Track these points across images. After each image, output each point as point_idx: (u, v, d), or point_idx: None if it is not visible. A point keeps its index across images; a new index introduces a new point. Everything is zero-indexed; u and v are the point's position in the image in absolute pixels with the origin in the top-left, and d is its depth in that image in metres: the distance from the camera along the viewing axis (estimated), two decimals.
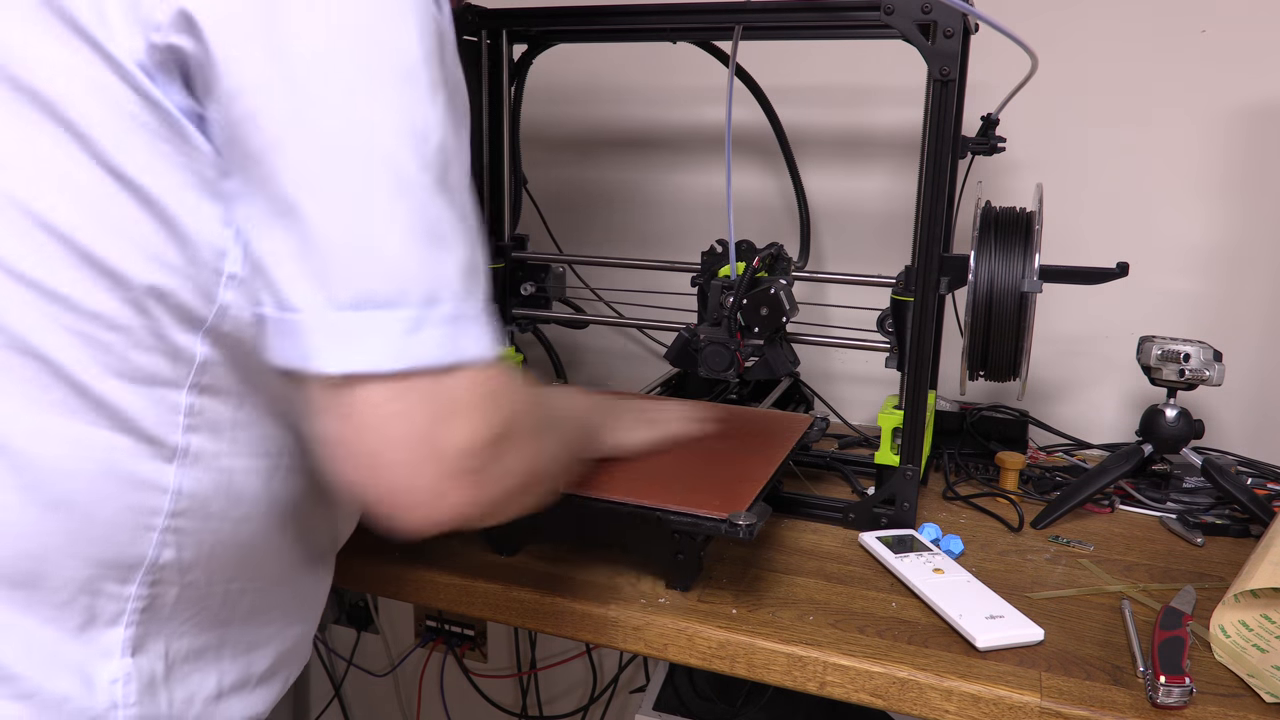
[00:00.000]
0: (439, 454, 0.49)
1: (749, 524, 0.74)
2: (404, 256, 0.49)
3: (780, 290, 1.02)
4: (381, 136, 0.49)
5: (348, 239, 0.48)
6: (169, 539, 0.56)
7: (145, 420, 0.53)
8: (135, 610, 0.56)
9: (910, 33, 0.85)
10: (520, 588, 0.83)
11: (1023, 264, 0.90)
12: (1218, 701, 0.68)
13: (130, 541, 0.55)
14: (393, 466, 0.49)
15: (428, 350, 0.49)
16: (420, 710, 1.70)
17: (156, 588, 0.57)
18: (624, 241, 1.45)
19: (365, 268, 0.48)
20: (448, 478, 0.50)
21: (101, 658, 0.55)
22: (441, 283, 0.50)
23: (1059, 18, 1.20)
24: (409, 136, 0.49)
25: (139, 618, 0.56)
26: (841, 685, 0.73)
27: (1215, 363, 1.00)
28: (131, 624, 0.56)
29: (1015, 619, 0.77)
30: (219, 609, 0.61)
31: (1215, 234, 1.20)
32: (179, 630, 0.59)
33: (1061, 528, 0.98)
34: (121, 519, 0.54)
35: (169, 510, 0.55)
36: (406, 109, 0.50)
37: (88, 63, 0.48)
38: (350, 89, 0.48)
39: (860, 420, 1.29)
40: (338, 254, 0.48)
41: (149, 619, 0.57)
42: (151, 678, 0.57)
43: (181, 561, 0.57)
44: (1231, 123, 1.17)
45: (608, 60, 1.40)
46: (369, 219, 0.49)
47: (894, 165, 1.30)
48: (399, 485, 0.50)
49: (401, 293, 0.49)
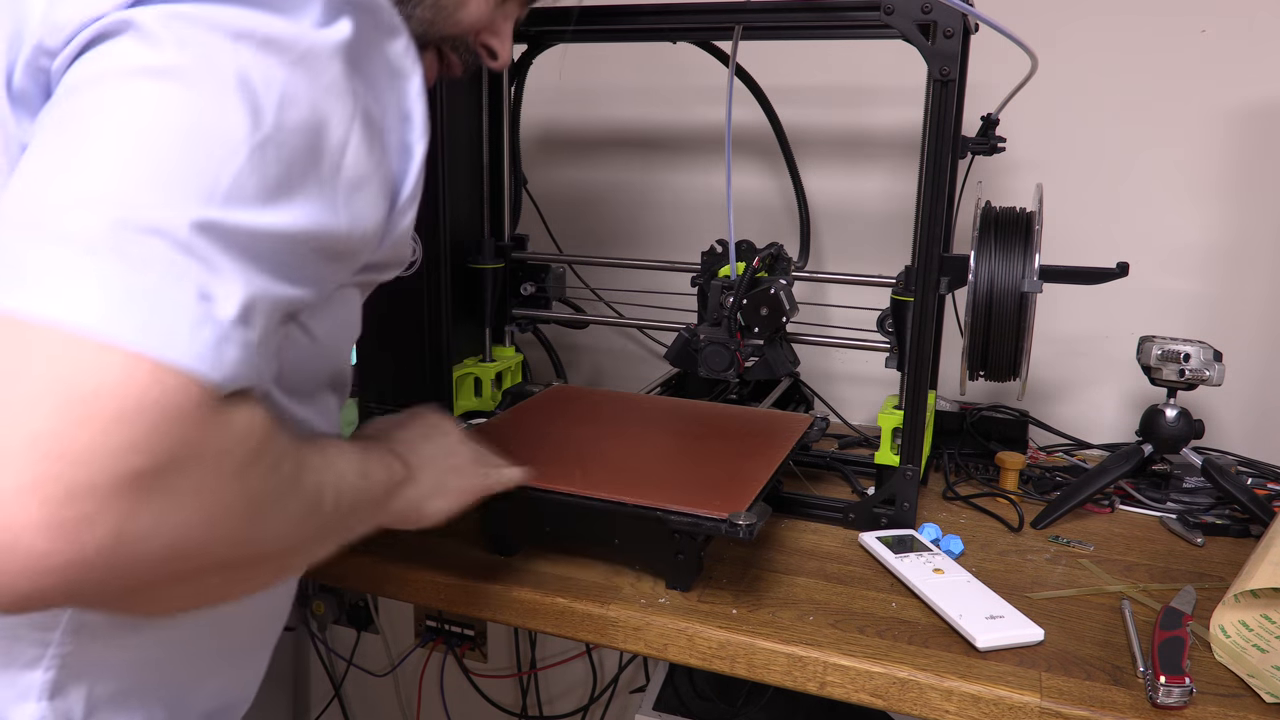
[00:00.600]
0: (39, 454, 0.34)
1: (749, 524, 0.74)
2: (95, 200, 0.39)
3: (780, 290, 1.02)
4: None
5: (58, 167, 0.41)
6: None
7: None
8: (56, 655, 0.54)
9: (910, 33, 0.85)
10: (520, 588, 0.83)
11: (1023, 264, 0.90)
12: (1218, 701, 0.68)
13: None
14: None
15: (71, 301, 0.37)
16: (420, 710, 1.70)
17: (80, 635, 0.54)
18: (624, 241, 1.45)
19: (49, 200, 0.40)
20: (39, 502, 0.34)
21: (17, 700, 0.53)
22: (132, 236, 0.39)
23: (1059, 18, 1.20)
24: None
25: (60, 662, 0.54)
26: (841, 685, 0.73)
27: (1215, 363, 1.00)
28: (51, 668, 0.54)
29: (1015, 619, 0.77)
30: (151, 651, 0.59)
31: (1215, 234, 1.20)
32: (105, 673, 0.56)
33: (1061, 528, 0.98)
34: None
35: None
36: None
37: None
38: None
39: (860, 420, 1.28)
40: (39, 180, 0.41)
41: (72, 662, 0.54)
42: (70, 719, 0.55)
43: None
44: (1231, 123, 1.17)
45: (608, 60, 1.40)
46: (90, 159, 0.41)
47: (894, 165, 1.30)
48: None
49: (65, 230, 0.38)
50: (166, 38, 0.43)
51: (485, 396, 1.14)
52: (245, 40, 0.44)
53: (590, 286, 1.35)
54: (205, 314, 0.39)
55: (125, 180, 0.40)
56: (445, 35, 0.66)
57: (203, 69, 0.43)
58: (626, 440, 0.94)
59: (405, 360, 1.08)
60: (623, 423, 1.00)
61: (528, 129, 1.19)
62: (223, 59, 0.43)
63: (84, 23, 0.44)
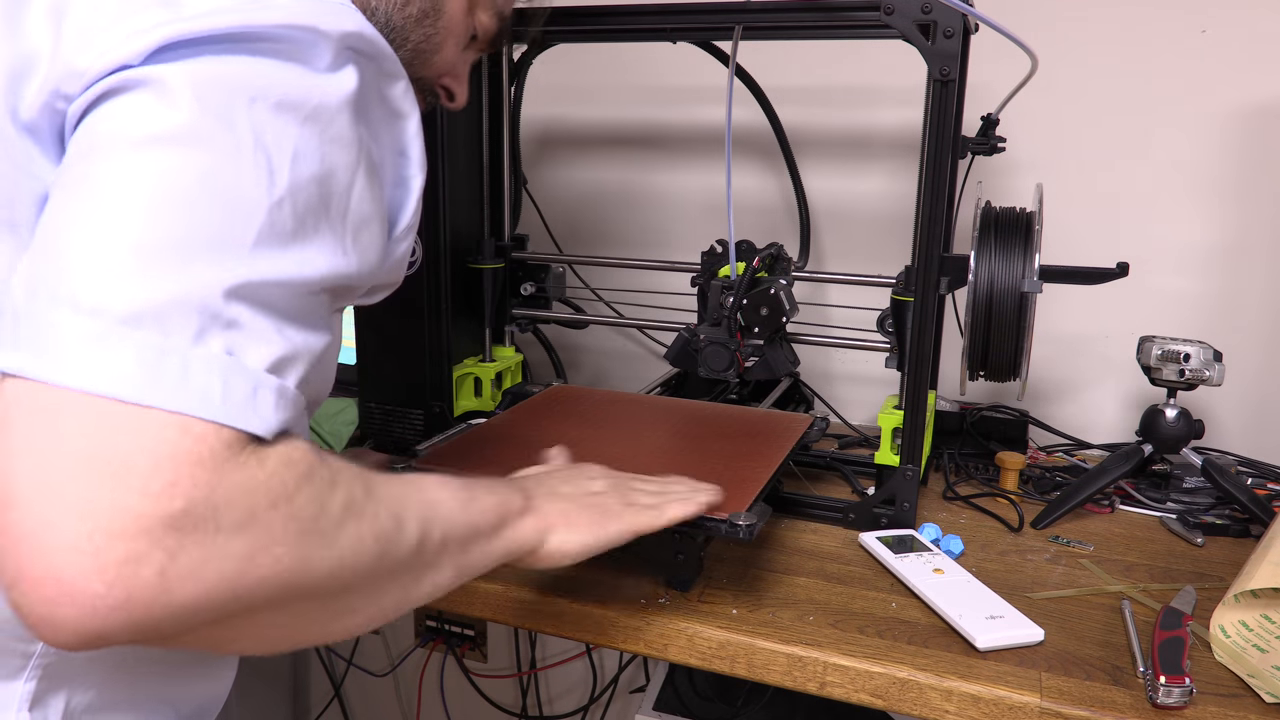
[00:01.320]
0: (80, 507, 0.38)
1: (749, 524, 0.74)
2: (124, 272, 0.41)
3: (780, 290, 1.02)
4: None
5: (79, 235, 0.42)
6: None
7: None
8: (39, 666, 0.55)
9: (910, 33, 0.85)
10: (520, 588, 0.83)
11: (1023, 264, 0.90)
12: (1218, 702, 0.68)
13: None
14: (19, 504, 0.38)
15: (102, 371, 0.40)
16: (420, 710, 1.70)
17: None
18: (624, 241, 1.45)
19: (75, 271, 0.41)
20: (84, 553, 0.37)
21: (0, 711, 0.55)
22: (163, 313, 0.41)
23: (1059, 18, 1.20)
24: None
25: (42, 673, 0.55)
26: (841, 685, 0.73)
27: (1215, 363, 1.00)
28: (33, 678, 0.55)
29: (1015, 619, 0.77)
30: (131, 663, 0.60)
31: (1215, 234, 1.20)
32: (85, 684, 0.58)
33: (1061, 528, 0.98)
34: None
35: None
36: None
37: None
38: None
39: (860, 420, 1.29)
40: (60, 249, 0.42)
41: (54, 673, 0.56)
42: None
43: None
44: (1231, 123, 1.17)
45: (608, 60, 1.40)
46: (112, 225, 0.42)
47: (894, 165, 1.30)
48: (24, 536, 0.38)
49: (98, 304, 0.40)
50: (185, 98, 0.45)
51: (485, 396, 1.14)
52: (260, 101, 0.46)
53: (590, 286, 1.35)
54: (235, 368, 0.42)
55: (151, 249, 0.42)
56: (416, 77, 0.67)
57: (221, 133, 0.45)
58: (626, 440, 0.94)
59: (405, 360, 1.08)
60: (623, 423, 1.00)
61: (528, 129, 1.19)
62: (239, 121, 0.45)
63: (104, 72, 0.45)
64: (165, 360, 0.40)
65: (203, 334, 0.42)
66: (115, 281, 0.41)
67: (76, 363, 0.40)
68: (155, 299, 0.41)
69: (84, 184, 0.44)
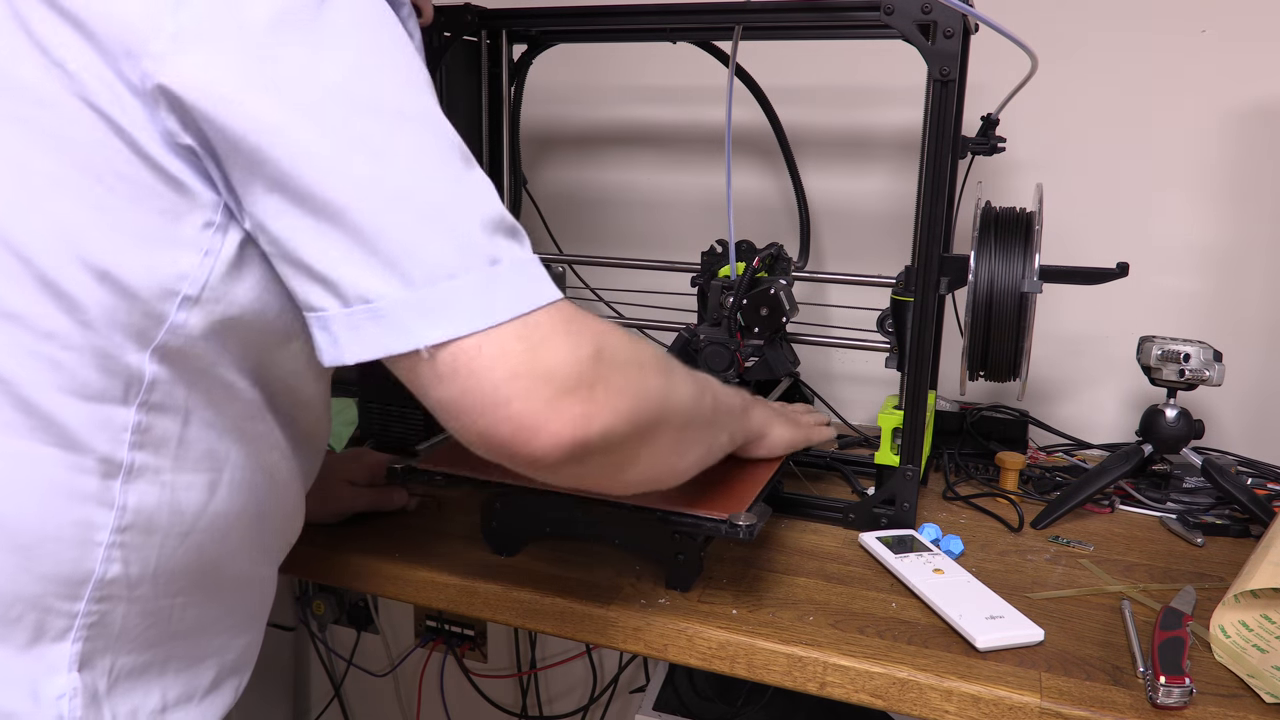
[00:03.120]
0: (545, 375, 0.53)
1: (749, 524, 0.74)
2: (459, 229, 0.53)
3: (780, 290, 1.02)
4: (402, 129, 0.53)
5: (401, 226, 0.51)
6: (115, 554, 0.56)
7: (92, 437, 0.54)
8: (84, 626, 0.56)
9: (910, 33, 0.85)
10: (520, 588, 0.83)
11: (1023, 264, 0.90)
12: (1218, 702, 0.68)
13: (77, 558, 0.55)
14: (509, 402, 0.52)
15: (506, 302, 0.53)
16: (420, 710, 1.70)
17: (104, 604, 0.57)
18: (624, 241, 1.45)
19: (427, 249, 0.52)
20: (559, 396, 0.53)
21: (49, 673, 0.56)
22: (494, 242, 0.54)
23: (1059, 18, 1.20)
24: (424, 124, 0.54)
25: (87, 633, 0.57)
26: (841, 686, 0.73)
27: (1215, 363, 1.00)
28: (79, 639, 0.56)
29: (1015, 619, 0.77)
30: (165, 624, 0.62)
31: (1215, 234, 1.20)
32: (126, 646, 0.59)
33: (1061, 528, 0.98)
34: (68, 535, 0.55)
35: (115, 526, 0.56)
36: (410, 97, 0.54)
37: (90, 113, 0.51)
38: (351, 97, 0.52)
39: (860, 420, 1.29)
40: (396, 242, 0.51)
41: (97, 634, 0.57)
42: (95, 693, 0.58)
43: (129, 577, 0.57)
44: (1231, 123, 1.17)
45: (608, 60, 1.40)
46: (414, 204, 0.52)
47: (894, 165, 1.30)
48: (519, 418, 0.52)
49: (465, 261, 0.52)
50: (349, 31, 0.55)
51: None
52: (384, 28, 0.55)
53: (590, 286, 1.35)
54: (535, 260, 0.56)
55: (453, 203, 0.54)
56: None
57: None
58: None
59: None
60: None
61: (528, 129, 1.19)
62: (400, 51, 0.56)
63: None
64: (518, 276, 0.54)
65: (517, 242, 0.55)
66: (454, 240, 0.52)
67: (489, 307, 0.52)
68: (485, 235, 0.53)
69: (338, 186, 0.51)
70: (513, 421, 0.53)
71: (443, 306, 0.52)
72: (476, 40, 1.09)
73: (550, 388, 0.53)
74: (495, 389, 0.52)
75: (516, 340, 0.52)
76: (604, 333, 0.56)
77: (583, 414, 0.53)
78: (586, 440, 0.54)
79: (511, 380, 0.52)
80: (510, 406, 0.52)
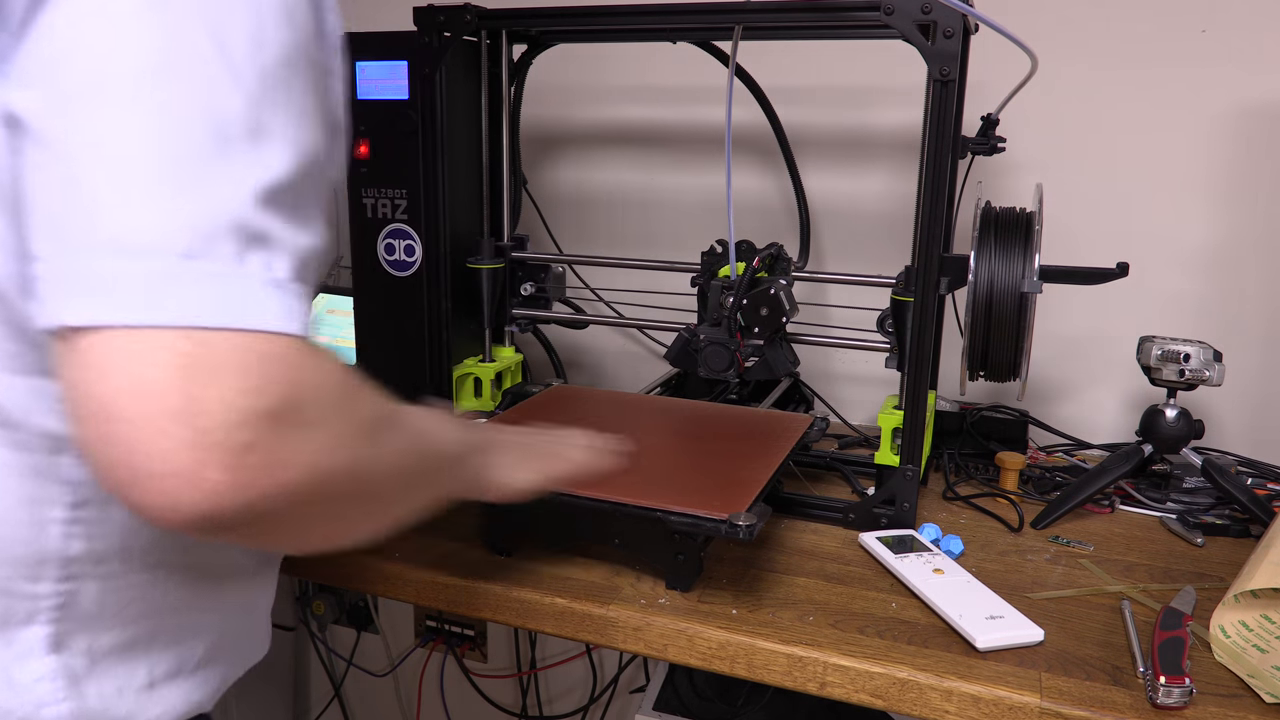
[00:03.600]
0: (191, 414, 0.41)
1: (749, 524, 0.74)
2: (160, 203, 0.43)
3: (780, 290, 1.02)
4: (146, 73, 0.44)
5: (98, 181, 0.43)
6: (76, 531, 0.55)
7: (27, 412, 0.52)
8: (52, 608, 0.55)
9: (910, 33, 0.85)
10: (520, 588, 0.83)
11: (1023, 264, 0.90)
12: (1218, 702, 0.68)
13: (32, 538, 0.54)
14: (133, 422, 0.41)
15: (183, 307, 0.43)
16: (420, 710, 1.70)
17: (71, 583, 0.55)
18: (624, 241, 1.45)
19: (111, 213, 0.43)
20: (202, 448, 0.41)
21: (20, 659, 0.54)
22: (211, 239, 0.44)
23: (1060, 18, 1.20)
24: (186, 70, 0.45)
25: (57, 615, 0.55)
26: (841, 686, 0.73)
27: (1215, 363, 1.00)
28: (49, 621, 0.55)
29: (1015, 619, 0.77)
30: (145, 600, 0.60)
31: (1216, 234, 1.20)
32: (104, 624, 0.58)
33: (1061, 528, 0.98)
34: (20, 515, 0.53)
35: (69, 502, 0.54)
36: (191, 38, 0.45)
37: None
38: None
39: (860, 420, 1.29)
40: (84, 197, 0.43)
41: (67, 615, 0.56)
42: (74, 674, 0.56)
43: (94, 553, 0.56)
44: (1231, 123, 1.17)
45: (607, 60, 1.40)
46: (125, 159, 0.43)
47: (894, 165, 1.30)
48: (140, 447, 0.41)
49: (152, 243, 0.43)
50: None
51: (485, 396, 1.14)
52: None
53: (590, 286, 1.35)
54: (273, 282, 0.45)
55: (170, 175, 0.44)
56: None
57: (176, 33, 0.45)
58: (626, 440, 0.94)
59: (405, 360, 1.08)
60: (623, 423, 0.99)
61: (528, 129, 1.19)
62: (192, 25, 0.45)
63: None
64: (228, 285, 0.44)
65: (243, 254, 0.45)
66: (154, 217, 0.43)
67: (154, 303, 0.42)
68: (199, 226, 0.43)
69: (75, 127, 0.43)
70: (131, 450, 0.41)
71: (96, 286, 0.42)
72: (476, 40, 1.09)
73: (186, 430, 0.41)
74: (119, 398, 0.41)
75: (172, 356, 0.42)
76: (310, 389, 0.45)
77: (228, 483, 0.42)
78: (225, 514, 0.43)
79: (143, 397, 0.41)
80: (132, 430, 0.41)
